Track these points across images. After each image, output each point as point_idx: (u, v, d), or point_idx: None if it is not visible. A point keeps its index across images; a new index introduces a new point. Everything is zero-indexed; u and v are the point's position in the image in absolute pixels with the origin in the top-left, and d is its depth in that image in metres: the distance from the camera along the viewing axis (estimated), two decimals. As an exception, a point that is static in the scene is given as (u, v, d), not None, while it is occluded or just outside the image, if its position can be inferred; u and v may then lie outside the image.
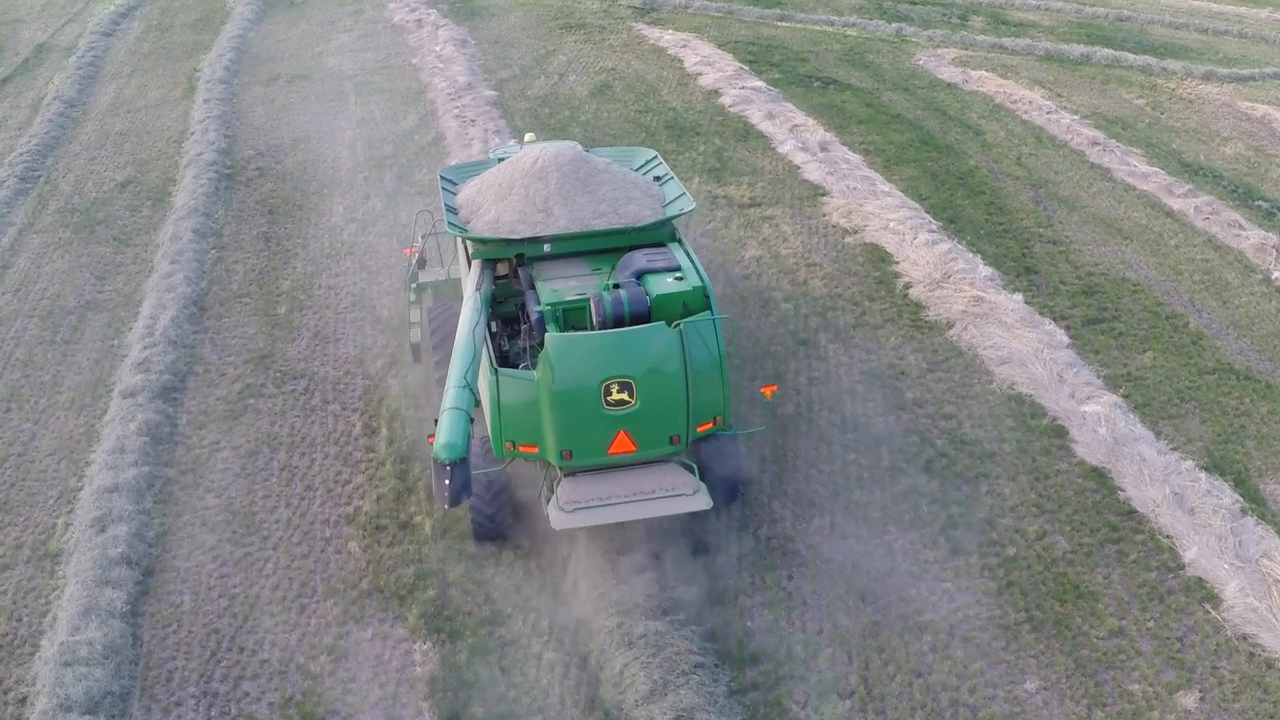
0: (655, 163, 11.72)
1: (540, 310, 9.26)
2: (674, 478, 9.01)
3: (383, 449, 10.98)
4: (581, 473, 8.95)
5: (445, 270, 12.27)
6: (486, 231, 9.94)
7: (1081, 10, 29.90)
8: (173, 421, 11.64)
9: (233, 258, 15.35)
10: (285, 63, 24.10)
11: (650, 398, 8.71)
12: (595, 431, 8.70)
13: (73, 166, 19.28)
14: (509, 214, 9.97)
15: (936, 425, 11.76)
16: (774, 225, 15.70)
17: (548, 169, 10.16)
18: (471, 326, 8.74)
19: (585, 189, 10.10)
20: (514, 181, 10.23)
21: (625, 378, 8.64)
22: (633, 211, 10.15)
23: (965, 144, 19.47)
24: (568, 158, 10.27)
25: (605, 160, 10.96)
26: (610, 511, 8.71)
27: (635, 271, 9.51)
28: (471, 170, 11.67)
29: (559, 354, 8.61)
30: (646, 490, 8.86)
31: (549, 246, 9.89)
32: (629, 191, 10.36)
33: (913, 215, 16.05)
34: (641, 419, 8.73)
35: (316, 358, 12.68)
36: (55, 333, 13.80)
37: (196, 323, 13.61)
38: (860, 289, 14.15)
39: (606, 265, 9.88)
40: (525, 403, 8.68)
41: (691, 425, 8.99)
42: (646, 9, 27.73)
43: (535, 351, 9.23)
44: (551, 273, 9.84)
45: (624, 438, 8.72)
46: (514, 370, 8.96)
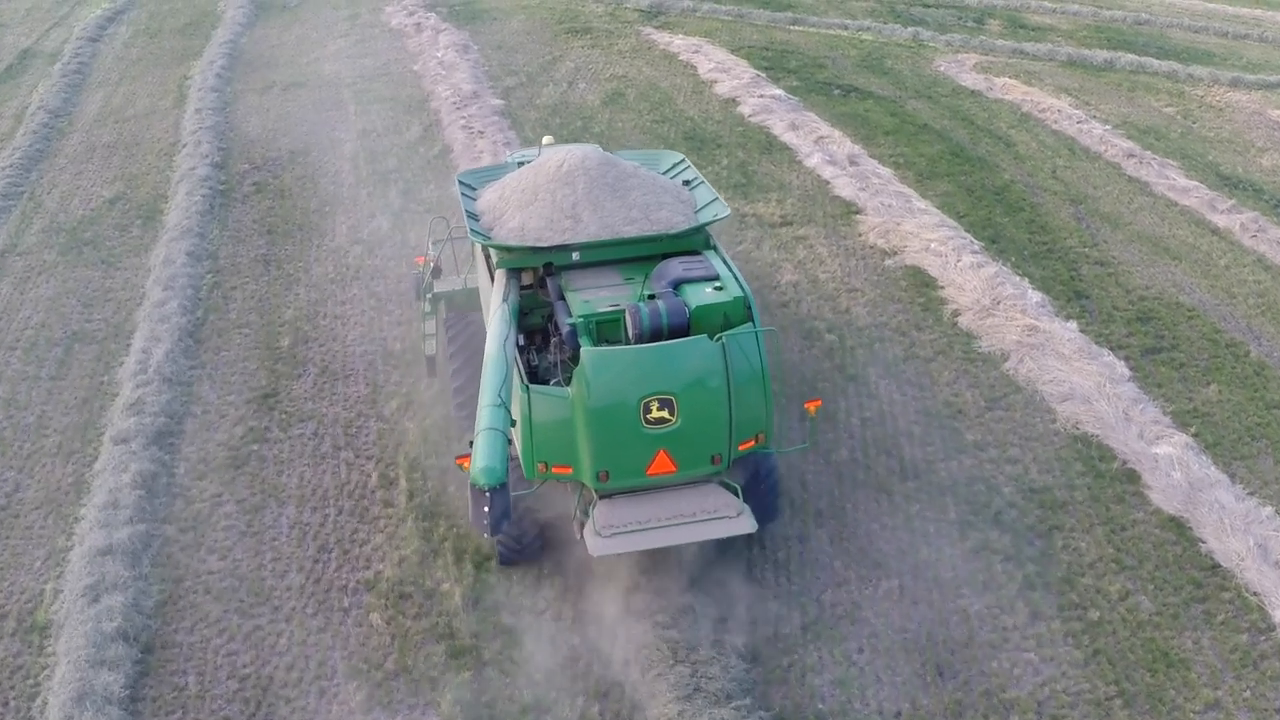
0: (683, 166, 11.13)
1: (572, 323, 8.75)
2: (716, 499, 8.51)
3: (402, 503, 10.04)
4: (617, 495, 8.42)
5: (462, 279, 11.60)
6: (512, 239, 9.37)
7: (1099, 14, 29.18)
8: (170, 471, 10.65)
9: (230, 283, 14.34)
10: (280, 69, 23.02)
11: (691, 415, 8.24)
12: (633, 451, 8.22)
13: (58, 181, 18.19)
14: (535, 221, 9.43)
15: (1002, 471, 10.94)
16: (808, 246, 14.83)
17: (574, 173, 9.60)
18: (502, 340, 8.22)
19: (614, 194, 9.56)
20: (539, 187, 9.66)
21: (665, 394, 8.16)
22: (664, 218, 9.60)
23: (997, 156, 18.66)
24: (595, 161, 9.73)
25: (633, 164, 10.39)
26: (650, 536, 8.23)
27: (671, 281, 9.01)
28: (491, 174, 11.09)
29: (596, 369, 8.11)
30: (687, 513, 8.38)
31: (578, 255, 9.36)
32: (659, 196, 9.81)
33: (953, 235, 15.22)
34: (682, 438, 8.26)
35: (325, 397, 11.72)
36: (40, 367, 12.78)
37: (193, 357, 12.61)
38: (906, 317, 13.31)
39: (639, 274, 9.36)
40: (559, 421, 8.17)
41: (733, 444, 8.49)
42: (654, 12, 26.79)
43: (567, 366, 8.74)
44: (582, 283, 9.32)
45: (663, 457, 8.26)
46: (546, 387, 8.43)
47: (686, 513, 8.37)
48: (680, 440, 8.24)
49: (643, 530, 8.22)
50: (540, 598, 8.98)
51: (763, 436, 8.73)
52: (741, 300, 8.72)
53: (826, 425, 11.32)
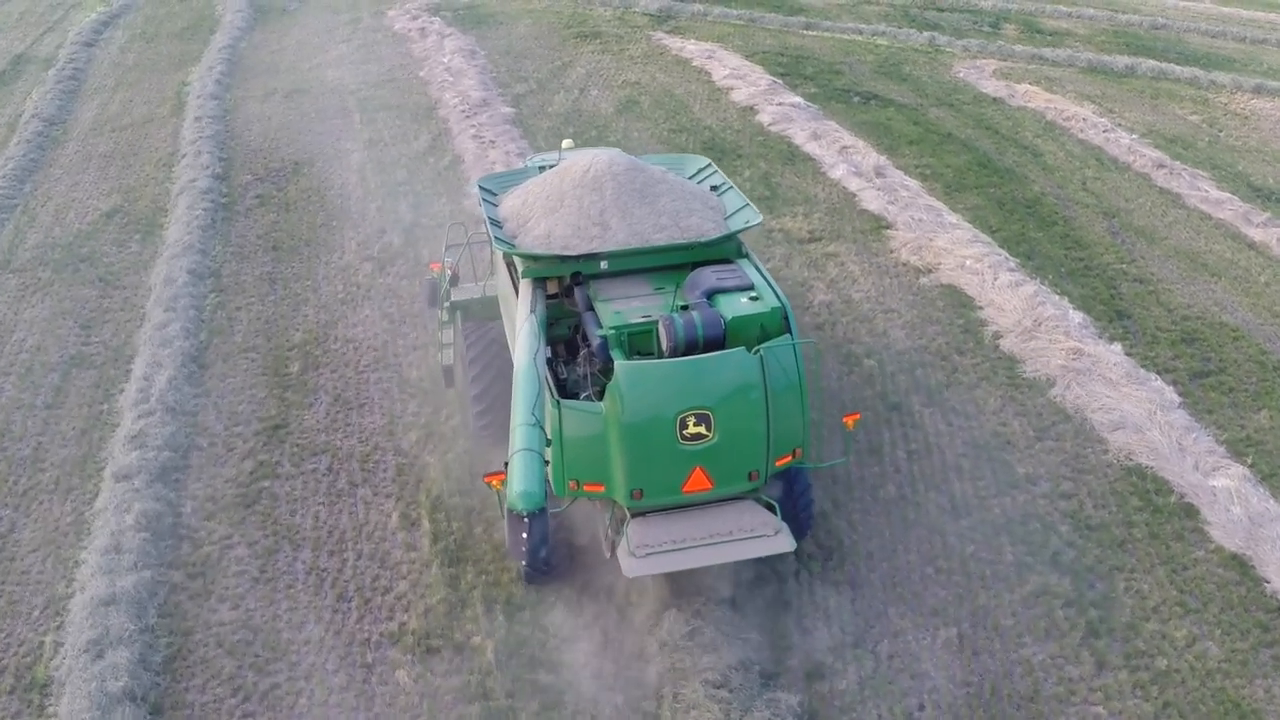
0: (710, 171, 10.71)
1: (603, 334, 8.43)
2: (753, 517, 8.18)
3: (426, 547, 9.41)
4: (651, 513, 8.12)
5: (480, 288, 11.20)
6: (538, 247, 9.00)
7: (1115, 18, 28.71)
8: (175, 510, 10.00)
9: (234, 303, 13.68)
10: (281, 75, 22.38)
11: (729, 431, 7.93)
12: (669, 468, 7.92)
13: (53, 193, 17.51)
14: (561, 228, 9.06)
15: (1056, 507, 10.38)
16: (840, 264, 14.25)
17: (601, 179, 9.23)
18: (532, 354, 7.87)
19: (643, 200, 9.20)
20: (564, 192, 9.28)
21: (703, 409, 7.84)
22: (695, 224, 9.24)
23: (1025, 167, 18.12)
24: (622, 166, 9.35)
25: (660, 169, 9.96)
26: (686, 556, 7.95)
27: (705, 291, 8.66)
28: (511, 179, 10.70)
29: (630, 384, 7.80)
30: (724, 532, 8.06)
31: (606, 264, 9.06)
32: (688, 203, 9.43)
33: (988, 251, 14.66)
34: (719, 454, 7.96)
35: (339, 428, 11.08)
36: (36, 394, 12.12)
37: (197, 384, 11.97)
38: (946, 340, 12.73)
39: (670, 283, 9.01)
40: (591, 437, 7.84)
41: (771, 459, 8.20)
42: (663, 17, 26.21)
43: (597, 379, 8.44)
44: (611, 292, 8.98)
45: (700, 474, 7.95)
46: (578, 402, 8.11)
47: (723, 531, 8.07)
48: (717, 457, 7.96)
49: (678, 550, 7.94)
50: (579, 651, 8.39)
51: (800, 452, 8.46)
52: (779, 311, 8.42)
53: (872, 460, 10.77)
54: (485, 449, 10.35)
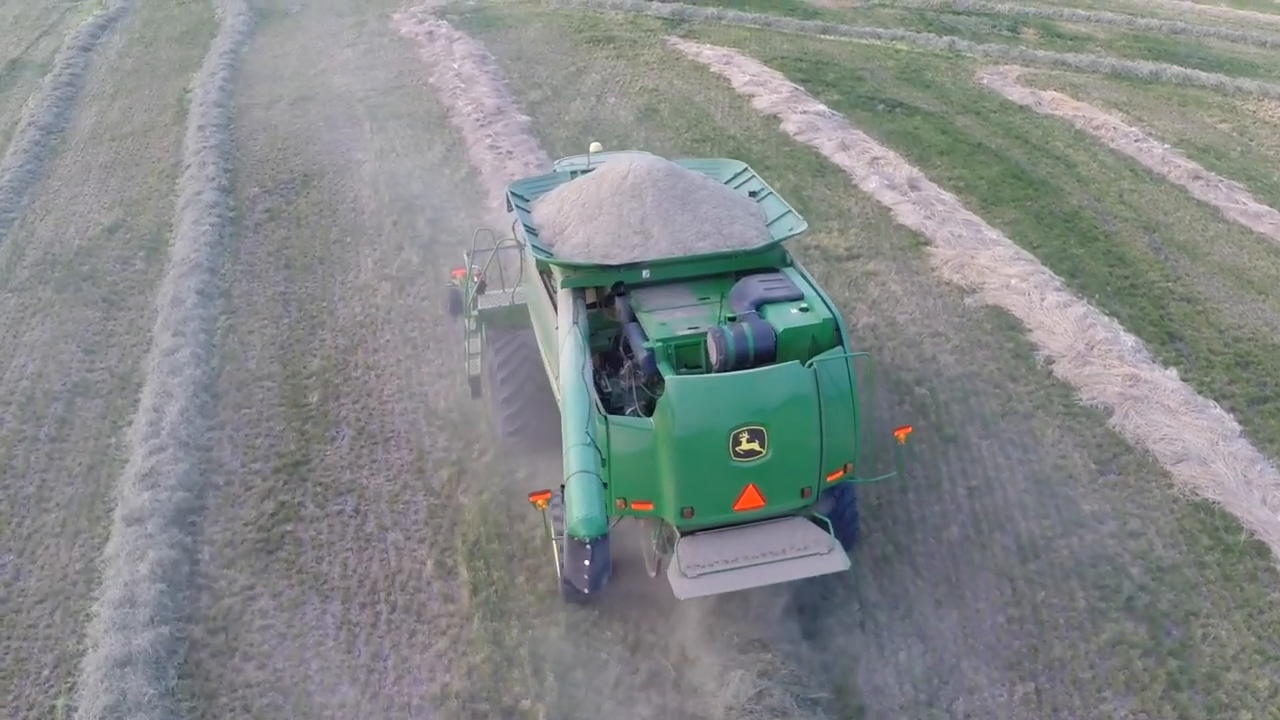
0: (747, 176, 10.30)
1: (649, 347, 8.15)
2: (805, 535, 7.97)
3: (465, 599, 8.77)
4: (700, 532, 7.89)
5: (509, 295, 10.85)
6: (577, 256, 8.69)
7: (1134, 21, 28.24)
8: (193, 558, 9.33)
9: (247, 326, 12.99)
10: (286, 82, 21.66)
11: (782, 446, 7.70)
12: (721, 485, 7.69)
13: (52, 206, 16.79)
14: (601, 236, 8.78)
15: (1125, 547, 9.82)
16: (881, 284, 13.66)
17: (641, 185, 8.92)
18: (579, 369, 7.62)
19: (684, 207, 8.89)
20: (602, 199, 8.98)
21: (757, 425, 7.59)
22: (738, 232, 8.93)
23: (1059, 179, 17.59)
24: (662, 173, 9.05)
25: (699, 174, 9.58)
26: (739, 576, 7.73)
27: (754, 301, 8.39)
28: (541, 185, 10.36)
29: (682, 399, 7.53)
30: (776, 550, 7.85)
31: (648, 273, 8.73)
32: (730, 209, 9.13)
33: (1032, 269, 14.10)
34: (772, 470, 7.73)
35: (364, 465, 10.43)
36: (38, 426, 11.43)
37: (210, 415, 11.28)
38: (997, 366, 12.17)
39: (715, 293, 8.73)
40: (640, 454, 7.60)
41: (823, 475, 7.99)
42: (677, 21, 25.59)
43: (642, 393, 8.22)
44: (654, 302, 8.68)
45: (752, 492, 7.74)
46: (627, 418, 7.84)
47: (775, 550, 7.84)
48: (770, 473, 7.72)
49: (731, 570, 7.70)
50: (637, 716, 7.80)
51: (851, 467, 8.20)
52: (831, 322, 8.13)
53: (932, 497, 10.19)
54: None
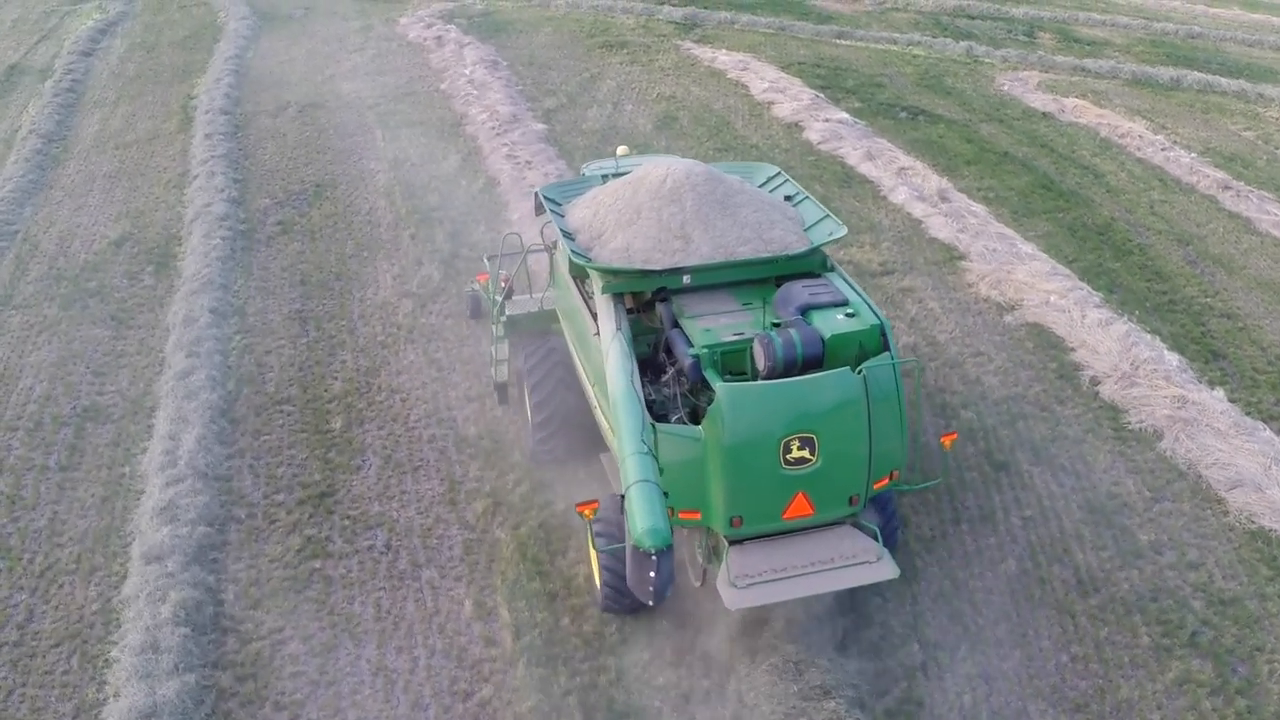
0: (781, 180, 10.20)
1: (695, 354, 8.06)
2: (853, 543, 7.93)
3: (508, 642, 8.30)
4: (748, 541, 7.84)
5: (537, 300, 10.78)
6: (617, 261, 8.58)
7: (1149, 26, 27.95)
8: (217, 598, 8.85)
9: (263, 346, 12.50)
10: (293, 88, 21.16)
11: (832, 454, 7.65)
12: (771, 494, 7.64)
13: (56, 218, 16.27)
14: (641, 241, 8.64)
15: (1185, 580, 9.44)
16: (918, 300, 13.24)
17: (680, 189, 8.80)
18: (628, 376, 7.61)
19: (724, 212, 8.81)
20: (640, 204, 8.87)
21: (808, 432, 7.52)
22: (779, 237, 8.85)
23: (1089, 189, 17.23)
24: (701, 177, 8.94)
25: (736, 178, 9.47)
26: (789, 586, 7.67)
27: (799, 307, 8.30)
28: (573, 189, 10.28)
29: (733, 406, 7.42)
30: (825, 559, 7.81)
31: (689, 278, 8.67)
32: (769, 214, 9.05)
33: (1070, 285, 13.72)
34: (821, 478, 7.68)
35: (393, 496, 9.96)
36: (48, 454, 10.93)
37: (229, 442, 10.80)
38: (1043, 388, 11.78)
39: (757, 298, 8.68)
40: (688, 462, 7.51)
41: (871, 483, 7.95)
42: (689, 25, 25.17)
43: (687, 401, 8.12)
44: (697, 308, 8.60)
45: (801, 500, 7.68)
46: (676, 426, 7.75)
47: (823, 559, 7.79)
48: (819, 481, 7.67)
49: (780, 580, 7.63)
50: (692, 773, 7.40)
51: (897, 474, 8.13)
52: (877, 328, 8.07)
53: (986, 528, 9.77)
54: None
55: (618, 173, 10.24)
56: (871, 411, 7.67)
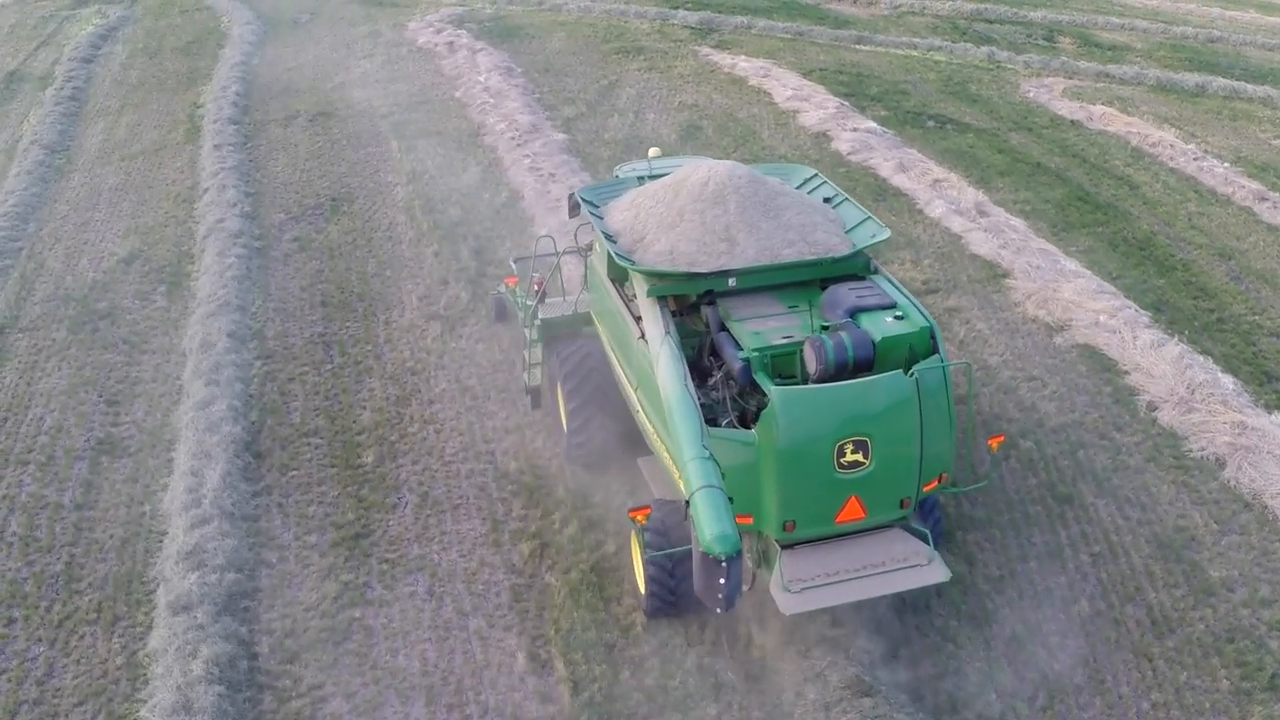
0: (818, 182, 10.13)
1: (745, 357, 8.03)
2: (904, 546, 7.92)
3: (565, 698, 7.78)
4: (800, 545, 7.81)
5: (570, 304, 10.67)
6: (662, 264, 8.55)
7: (1168, 30, 27.61)
8: (251, 651, 8.31)
9: (286, 373, 11.93)
10: (302, 96, 20.60)
11: (885, 458, 7.65)
12: (824, 498, 7.64)
13: (61, 234, 15.68)
14: (685, 244, 8.58)
15: (1260, 618, 8.98)
16: (965, 321, 12.77)
17: (723, 192, 8.78)
18: (682, 379, 7.59)
19: (768, 214, 8.78)
20: (683, 207, 8.80)
21: (861, 436, 7.51)
22: (823, 239, 8.83)
23: (1125, 201, 16.82)
24: (744, 179, 8.93)
25: (778, 180, 9.50)
26: (842, 590, 7.65)
27: (848, 310, 8.27)
28: (609, 191, 10.24)
29: (788, 410, 7.42)
30: (876, 562, 7.78)
31: (734, 281, 8.63)
32: (812, 216, 9.03)
33: (1119, 304, 13.26)
34: (874, 482, 7.68)
35: (433, 538, 9.42)
36: (62, 490, 10.37)
37: (254, 479, 10.24)
38: (1100, 414, 11.32)
39: (802, 301, 8.67)
40: (741, 467, 7.44)
41: (921, 485, 7.95)
42: (705, 30, 24.67)
43: (736, 404, 8.13)
44: (744, 311, 8.58)
45: (854, 504, 7.69)
46: (728, 430, 7.75)
47: (875, 562, 7.77)
48: (872, 484, 7.67)
49: (833, 584, 7.62)
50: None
51: (946, 476, 8.14)
52: (927, 330, 8.04)
53: (1054, 566, 9.31)
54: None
55: (652, 174, 10.21)
56: (923, 414, 7.65)
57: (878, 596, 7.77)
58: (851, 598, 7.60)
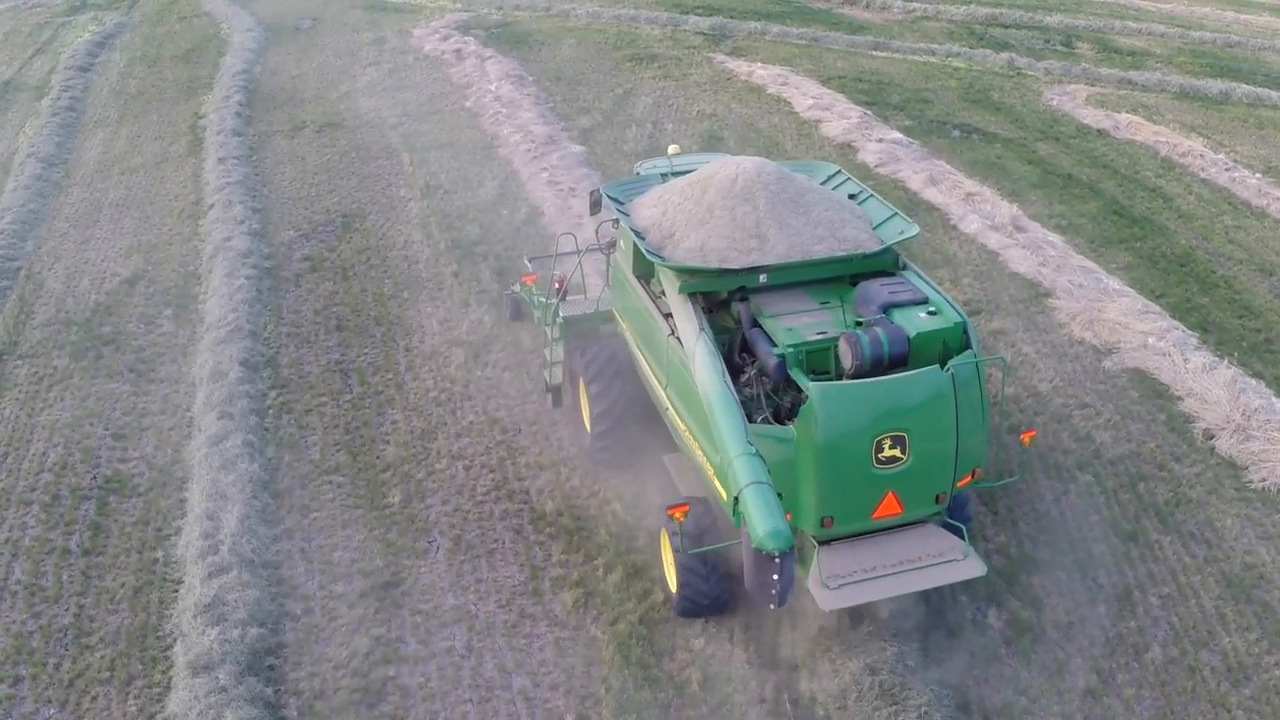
0: (842, 178, 10.10)
1: (780, 353, 8.07)
2: (939, 541, 7.96)
3: (622, 774, 7.38)
4: (837, 542, 7.85)
5: (593, 302, 10.67)
6: (692, 260, 8.56)
7: (1186, 34, 27.21)
8: (278, 715, 7.65)
9: (302, 404, 11.34)
10: (307, 106, 19.99)
11: (922, 453, 7.68)
12: (862, 494, 7.67)
13: (60, 253, 15.05)
14: (715, 240, 8.60)
15: (1343, 664, 8.62)
16: (1012, 345, 12.25)
17: (753, 189, 8.79)
18: (721, 376, 7.64)
19: (798, 210, 8.82)
20: (712, 203, 8.79)
21: (900, 431, 7.54)
22: (852, 235, 8.84)
23: (1160, 214, 16.37)
24: (773, 176, 8.94)
25: (804, 177, 9.49)
26: (880, 586, 7.66)
27: (881, 305, 8.26)
28: (632, 188, 10.17)
29: (827, 406, 7.41)
30: (913, 558, 7.82)
31: (764, 277, 8.64)
32: (840, 212, 9.05)
33: (1166, 325, 12.77)
34: (911, 477, 7.71)
35: (469, 587, 8.81)
36: (68, 534, 9.74)
37: (274, 521, 9.64)
38: (1157, 444, 10.82)
39: (833, 297, 8.71)
40: (779, 463, 7.39)
41: (955, 480, 7.96)
42: (718, 36, 24.14)
43: (770, 401, 8.17)
44: (776, 307, 8.61)
45: (891, 499, 7.72)
46: (763, 426, 7.73)
47: (912, 557, 7.81)
48: (909, 480, 7.69)
49: (871, 580, 7.63)
50: None
51: (979, 471, 8.19)
52: (960, 326, 8.06)
53: (1125, 611, 8.80)
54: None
55: (674, 171, 10.20)
56: (959, 409, 7.65)
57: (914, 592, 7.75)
58: (889, 593, 7.65)
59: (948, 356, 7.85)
